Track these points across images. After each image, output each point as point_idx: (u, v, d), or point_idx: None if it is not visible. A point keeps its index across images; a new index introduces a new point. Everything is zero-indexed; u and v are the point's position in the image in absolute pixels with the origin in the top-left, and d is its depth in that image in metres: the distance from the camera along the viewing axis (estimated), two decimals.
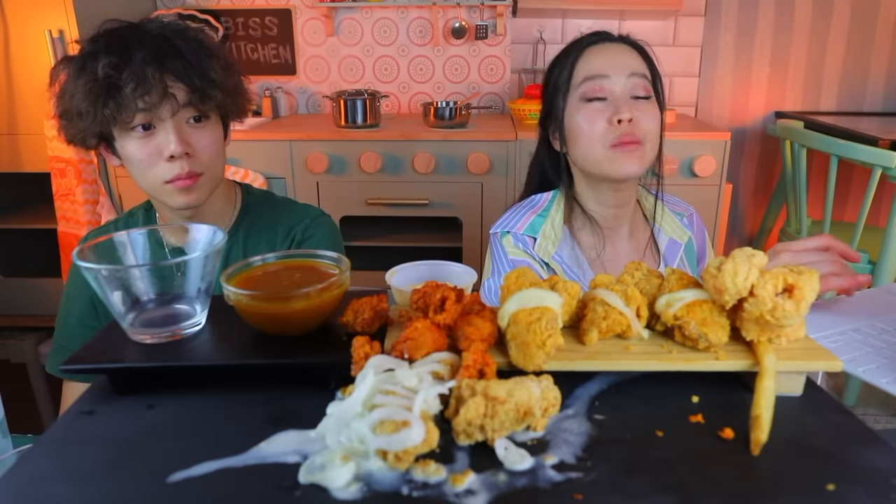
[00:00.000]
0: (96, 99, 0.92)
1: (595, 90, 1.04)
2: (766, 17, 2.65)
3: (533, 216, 1.13)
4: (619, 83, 1.04)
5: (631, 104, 1.03)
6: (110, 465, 0.46)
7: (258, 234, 1.14)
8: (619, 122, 1.01)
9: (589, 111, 1.04)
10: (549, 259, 1.09)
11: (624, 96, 1.03)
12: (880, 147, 1.98)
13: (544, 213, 1.13)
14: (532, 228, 1.12)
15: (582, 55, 1.07)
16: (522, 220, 1.13)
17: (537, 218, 1.13)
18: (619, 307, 0.55)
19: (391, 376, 0.48)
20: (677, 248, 1.16)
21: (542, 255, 1.09)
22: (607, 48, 1.07)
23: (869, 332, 1.07)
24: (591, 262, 1.12)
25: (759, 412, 0.47)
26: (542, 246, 1.10)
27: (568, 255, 1.11)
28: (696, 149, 2.17)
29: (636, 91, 1.04)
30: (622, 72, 1.04)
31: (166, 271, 0.57)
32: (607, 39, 1.08)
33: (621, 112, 1.01)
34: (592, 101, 1.04)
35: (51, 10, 2.00)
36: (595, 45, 1.07)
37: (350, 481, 0.42)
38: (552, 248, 1.10)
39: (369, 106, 2.30)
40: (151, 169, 0.98)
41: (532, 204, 1.16)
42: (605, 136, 1.03)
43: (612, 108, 1.03)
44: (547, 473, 0.44)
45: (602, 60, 1.05)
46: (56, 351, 1.12)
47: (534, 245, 1.10)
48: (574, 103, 1.06)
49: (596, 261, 1.13)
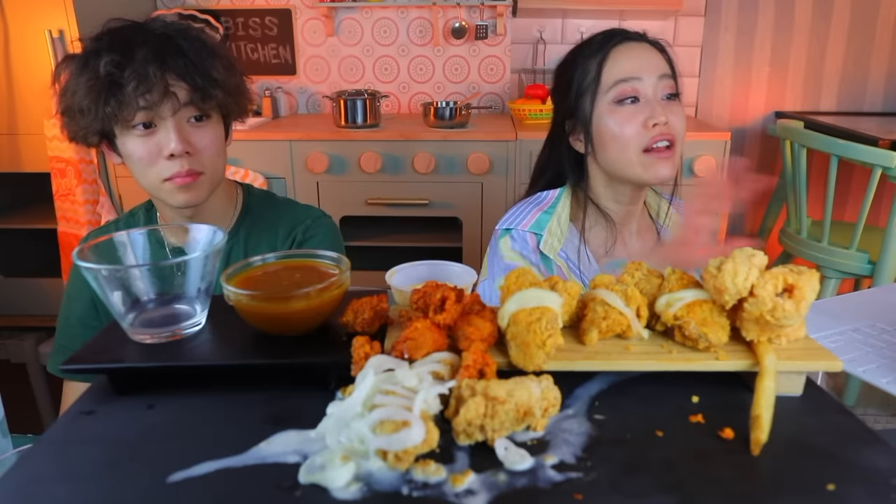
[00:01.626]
0: (98, 96, 0.92)
1: (628, 91, 1.02)
2: (766, 17, 2.65)
3: (539, 213, 1.12)
4: (651, 84, 1.03)
5: (664, 105, 1.02)
6: (110, 465, 0.46)
7: (259, 234, 1.14)
8: (654, 126, 1.01)
9: (622, 114, 1.03)
10: (554, 256, 1.08)
11: (656, 98, 1.03)
12: (880, 147, 1.98)
13: (550, 210, 1.12)
14: (538, 225, 1.11)
15: (609, 56, 1.05)
16: (528, 218, 1.12)
17: (543, 215, 1.12)
18: (619, 307, 0.55)
19: (391, 376, 0.48)
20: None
21: (548, 251, 1.08)
22: (633, 48, 1.05)
23: (869, 332, 1.07)
24: (600, 259, 1.12)
25: (759, 412, 0.47)
26: (548, 243, 1.09)
27: (573, 252, 1.11)
28: (696, 149, 2.17)
29: (667, 91, 1.04)
30: (653, 73, 1.03)
31: (166, 271, 0.57)
32: (631, 39, 1.06)
33: (657, 115, 1.00)
34: (625, 103, 1.03)
35: (51, 10, 2.00)
36: (620, 46, 1.05)
37: (350, 481, 0.42)
38: (558, 245, 1.10)
39: (369, 106, 2.30)
40: (151, 167, 0.98)
41: (538, 201, 1.15)
42: (640, 140, 1.02)
43: (646, 111, 1.02)
44: (547, 473, 0.44)
45: (632, 62, 1.03)
46: (57, 351, 1.12)
47: (538, 242, 1.10)
48: (605, 106, 1.04)
49: (604, 258, 1.12)
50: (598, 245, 1.13)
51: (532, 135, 2.17)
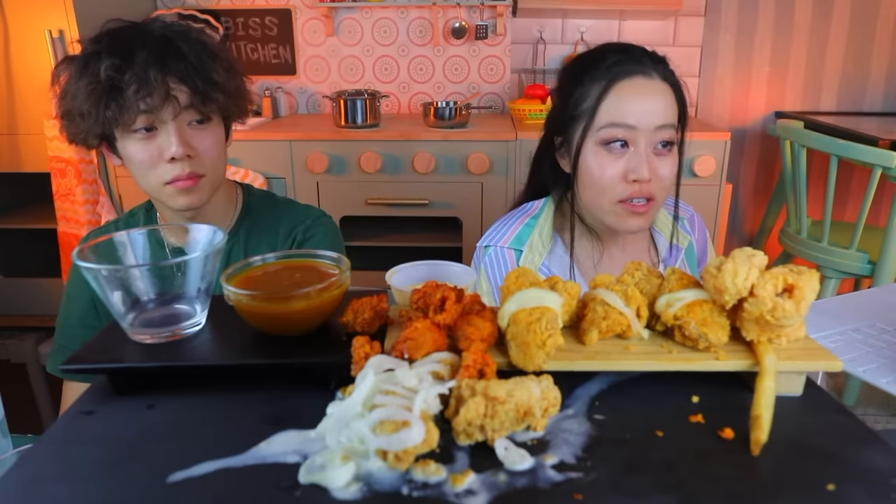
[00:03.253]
0: (98, 100, 0.92)
1: (617, 136, 0.96)
2: (766, 17, 2.65)
3: (521, 226, 1.10)
4: (645, 136, 0.96)
5: (651, 160, 0.96)
6: (110, 465, 0.46)
7: (259, 234, 1.14)
8: (634, 182, 0.96)
9: (606, 159, 0.97)
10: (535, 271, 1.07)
11: (646, 150, 0.96)
12: (880, 147, 1.98)
13: (532, 223, 1.10)
14: (518, 241, 1.08)
15: (611, 90, 0.97)
16: (509, 233, 1.10)
17: (525, 228, 1.09)
18: (619, 307, 0.55)
19: (391, 376, 0.48)
20: (678, 252, 1.15)
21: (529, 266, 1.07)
22: (640, 87, 0.96)
23: (869, 332, 1.07)
24: (586, 273, 1.10)
25: (759, 412, 0.47)
26: (528, 258, 1.07)
27: (557, 263, 1.09)
28: (696, 149, 2.17)
29: (663, 140, 0.97)
30: (651, 123, 0.96)
31: (166, 271, 0.57)
32: (641, 72, 0.97)
33: (640, 171, 0.95)
34: (612, 148, 0.97)
35: (51, 10, 2.00)
36: (626, 80, 0.97)
37: (350, 481, 0.42)
38: (539, 259, 1.08)
39: (369, 106, 2.30)
40: (152, 170, 0.98)
41: (523, 211, 1.13)
42: (616, 191, 0.97)
43: (631, 163, 0.96)
44: (547, 473, 0.44)
45: (633, 106, 0.96)
46: (57, 351, 1.12)
47: (519, 258, 1.08)
48: (591, 144, 0.99)
49: (592, 270, 1.10)
50: (585, 258, 1.11)
51: (532, 135, 2.17)
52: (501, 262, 1.09)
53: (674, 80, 1.00)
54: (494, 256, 1.10)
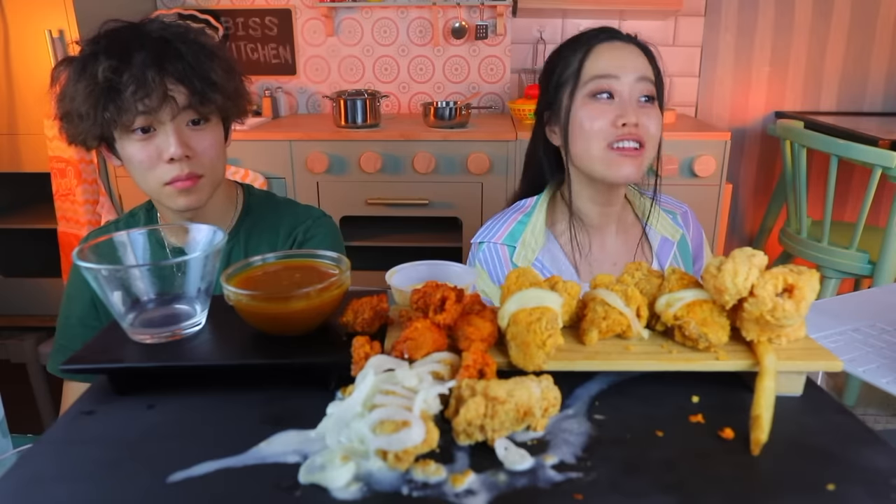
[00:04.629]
0: (96, 102, 0.92)
1: (603, 87, 1.03)
2: (766, 17, 2.65)
3: (513, 223, 1.12)
4: (628, 84, 1.02)
5: (637, 107, 1.02)
6: (110, 465, 0.46)
7: (259, 234, 1.14)
8: (624, 125, 1.01)
9: (594, 108, 1.03)
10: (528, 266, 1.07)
11: (631, 99, 1.02)
12: (880, 147, 1.98)
13: (525, 220, 1.12)
14: (511, 237, 1.11)
15: (591, 52, 1.05)
16: (502, 230, 1.12)
17: (518, 225, 1.11)
18: (619, 307, 0.55)
19: (391, 376, 0.48)
20: (670, 246, 1.16)
21: (522, 263, 1.08)
22: (616, 47, 1.05)
23: (869, 332, 1.07)
24: (577, 264, 1.11)
25: (759, 412, 0.47)
26: (521, 255, 1.09)
27: (550, 259, 1.10)
28: (696, 149, 2.17)
29: (643, 93, 1.03)
30: (631, 73, 1.02)
31: (166, 271, 0.57)
32: (617, 38, 1.06)
33: (627, 115, 1.00)
34: (599, 98, 1.03)
35: (51, 10, 2.00)
36: (604, 43, 1.05)
37: (350, 481, 0.42)
38: (532, 255, 1.09)
39: (369, 106, 2.30)
40: (151, 171, 0.98)
41: (516, 209, 1.15)
42: (605, 136, 1.02)
43: (618, 109, 1.02)
44: (547, 473, 0.44)
45: (612, 59, 1.04)
46: (57, 351, 1.12)
47: (512, 254, 1.10)
48: (580, 99, 1.05)
49: (582, 262, 1.12)
50: (572, 250, 1.12)
51: None
52: (495, 258, 1.11)
53: (647, 49, 1.08)
54: (488, 252, 1.11)
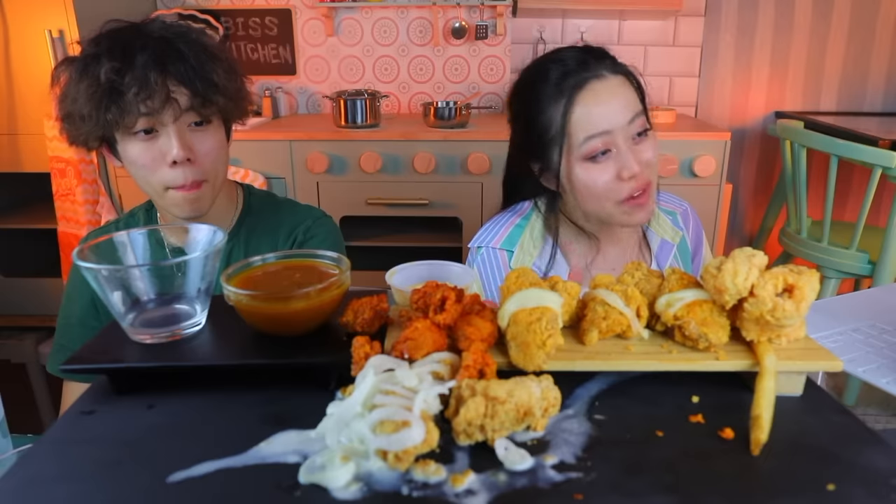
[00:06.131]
0: (99, 103, 0.91)
1: (599, 147, 0.97)
2: (766, 17, 2.65)
3: (511, 227, 1.11)
4: (622, 133, 0.97)
5: (635, 151, 0.98)
6: (110, 465, 0.45)
7: (260, 235, 1.14)
8: (629, 178, 0.98)
9: (594, 170, 0.99)
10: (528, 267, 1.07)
11: (627, 144, 0.98)
12: (880, 147, 1.98)
13: (523, 224, 1.11)
14: (510, 241, 1.09)
15: (574, 105, 0.98)
16: (500, 234, 1.10)
17: (515, 229, 1.10)
18: (619, 307, 0.55)
19: (391, 376, 0.48)
20: (670, 249, 1.15)
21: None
22: (599, 92, 0.98)
23: (869, 332, 1.07)
24: (580, 273, 1.10)
25: (759, 412, 0.47)
26: (520, 259, 1.08)
27: (548, 265, 1.09)
28: (696, 149, 2.17)
29: (638, 130, 0.99)
30: (623, 119, 0.97)
31: (166, 271, 0.57)
32: (594, 76, 0.98)
33: (630, 167, 0.97)
34: (597, 159, 0.98)
35: (51, 10, 2.00)
36: (585, 89, 0.98)
37: (350, 481, 0.42)
38: (530, 259, 1.08)
39: (369, 106, 2.30)
40: (154, 174, 0.97)
41: (514, 211, 1.13)
42: (615, 194, 0.99)
43: (619, 162, 0.98)
44: (547, 473, 0.44)
45: (600, 112, 0.97)
46: (57, 351, 1.12)
47: (510, 258, 1.08)
48: (576, 161, 1.00)
49: (585, 270, 1.11)
50: (578, 259, 1.11)
51: None
52: (493, 262, 1.10)
53: (623, 70, 1.02)
54: (486, 257, 1.10)
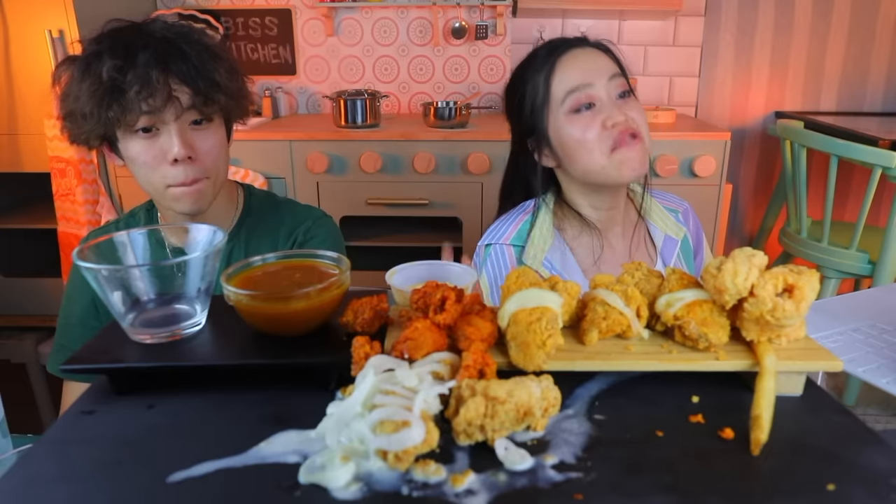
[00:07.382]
0: (100, 101, 0.92)
1: (582, 99, 1.01)
2: (766, 17, 2.65)
3: (521, 223, 1.11)
4: (604, 87, 1.02)
5: (619, 104, 1.02)
6: (110, 465, 0.45)
7: (260, 235, 1.14)
8: (614, 126, 1.00)
9: (580, 122, 1.02)
10: (538, 266, 1.07)
11: (610, 100, 1.02)
12: (880, 147, 1.98)
13: (531, 220, 1.11)
14: (519, 237, 1.10)
15: (556, 68, 1.03)
16: (510, 230, 1.11)
17: (525, 225, 1.11)
18: (619, 307, 0.55)
19: (391, 376, 0.48)
20: (674, 245, 1.16)
21: (532, 262, 1.07)
22: (578, 56, 1.04)
23: (869, 332, 1.07)
24: (587, 270, 1.10)
25: (759, 412, 0.47)
26: (531, 254, 1.08)
27: (559, 259, 1.10)
28: (696, 149, 2.17)
29: (618, 90, 1.03)
30: (603, 76, 1.02)
31: (166, 271, 0.57)
32: (574, 46, 1.05)
33: (614, 115, 1.00)
34: (581, 111, 1.02)
35: (51, 10, 2.00)
36: (565, 55, 1.04)
37: (350, 481, 0.42)
38: (541, 254, 1.08)
39: (369, 106, 2.30)
40: (155, 172, 0.98)
41: (522, 209, 1.14)
42: (604, 142, 1.01)
43: (603, 113, 1.01)
44: (547, 473, 0.44)
45: (580, 69, 1.02)
46: (57, 351, 1.12)
47: (520, 254, 1.09)
48: (561, 118, 1.04)
49: (592, 267, 1.11)
50: (585, 254, 1.11)
51: None
52: (503, 259, 1.10)
53: (604, 46, 1.07)
54: (496, 254, 1.10)
